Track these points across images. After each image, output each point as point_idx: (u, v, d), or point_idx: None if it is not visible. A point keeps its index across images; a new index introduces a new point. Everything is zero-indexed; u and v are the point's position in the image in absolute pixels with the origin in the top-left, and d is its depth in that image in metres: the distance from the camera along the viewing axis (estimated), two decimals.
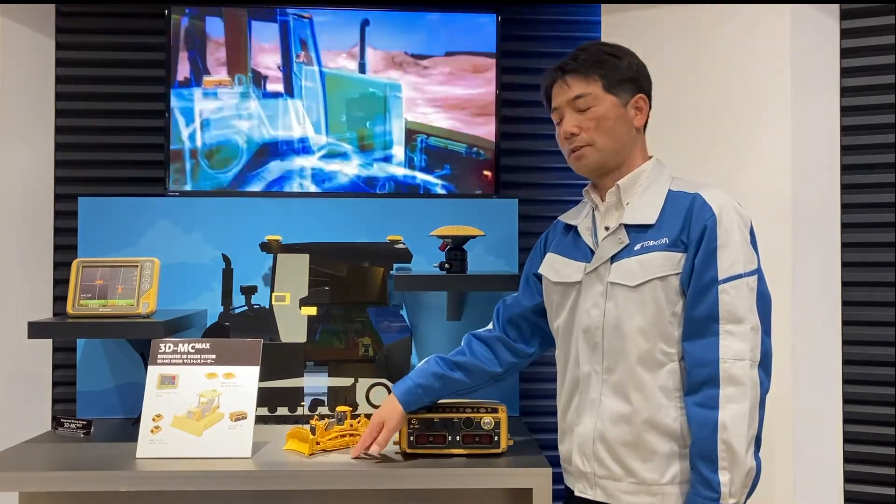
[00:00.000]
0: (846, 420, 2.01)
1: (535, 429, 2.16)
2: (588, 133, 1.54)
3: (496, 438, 1.71)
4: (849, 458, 2.01)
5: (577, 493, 1.54)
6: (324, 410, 2.17)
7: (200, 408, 1.75)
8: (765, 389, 1.43)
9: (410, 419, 1.70)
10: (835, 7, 2.04)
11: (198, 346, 1.81)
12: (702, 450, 1.38)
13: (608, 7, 2.27)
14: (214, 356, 1.80)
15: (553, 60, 1.60)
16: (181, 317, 1.98)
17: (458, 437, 1.71)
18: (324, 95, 2.20)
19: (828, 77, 2.04)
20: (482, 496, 1.79)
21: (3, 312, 2.18)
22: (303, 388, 2.18)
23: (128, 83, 2.39)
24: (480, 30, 2.18)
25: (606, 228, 1.54)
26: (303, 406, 2.18)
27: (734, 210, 1.46)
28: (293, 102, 2.18)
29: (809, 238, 2.00)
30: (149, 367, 1.80)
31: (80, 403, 2.16)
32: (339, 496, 1.78)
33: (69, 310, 1.92)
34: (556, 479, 1.62)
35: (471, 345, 1.73)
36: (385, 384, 2.18)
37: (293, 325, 2.19)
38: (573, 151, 1.56)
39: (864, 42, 2.02)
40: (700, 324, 1.42)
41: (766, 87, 2.01)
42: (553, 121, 1.60)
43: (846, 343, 2.02)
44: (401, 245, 2.21)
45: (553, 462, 1.64)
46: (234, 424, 1.74)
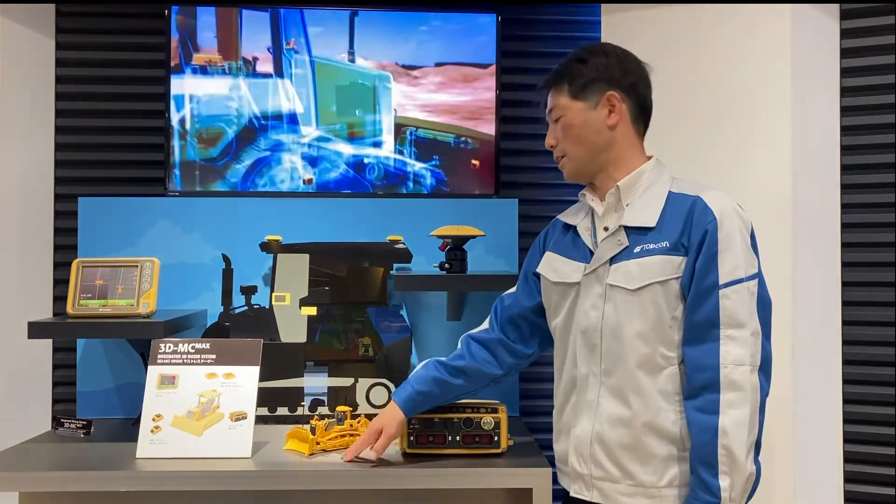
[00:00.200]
0: (846, 420, 2.01)
1: (535, 429, 2.16)
2: (562, 143, 1.57)
3: (496, 438, 1.71)
4: (849, 458, 2.01)
5: (573, 494, 1.54)
6: (324, 410, 2.17)
7: (200, 408, 1.75)
8: (765, 394, 1.42)
9: (410, 419, 1.70)
10: (835, 7, 2.04)
11: (198, 346, 1.81)
12: (702, 455, 1.38)
13: (608, 7, 2.27)
14: (214, 356, 1.80)
15: (553, 60, 1.61)
16: (181, 317, 1.98)
17: (458, 437, 1.70)
18: (313, 82, 2.21)
19: (828, 77, 2.04)
20: (482, 496, 1.79)
21: (3, 312, 2.18)
22: (303, 388, 2.18)
23: (128, 83, 2.39)
24: (471, 40, 2.21)
25: (605, 229, 1.52)
26: (303, 406, 2.18)
27: (735, 213, 1.44)
28: (283, 82, 2.19)
29: (809, 238, 2.00)
30: (149, 367, 1.80)
31: (80, 403, 2.16)
32: (339, 496, 1.77)
33: (69, 310, 1.92)
34: (556, 479, 1.62)
35: (469, 347, 1.71)
36: (385, 384, 2.18)
37: (293, 325, 2.19)
38: (557, 162, 1.60)
39: (864, 42, 2.02)
40: (700, 328, 1.41)
41: (766, 87, 2.01)
42: None
43: (846, 343, 2.02)
44: (401, 245, 2.21)
45: (553, 462, 1.64)
46: (234, 424, 1.74)
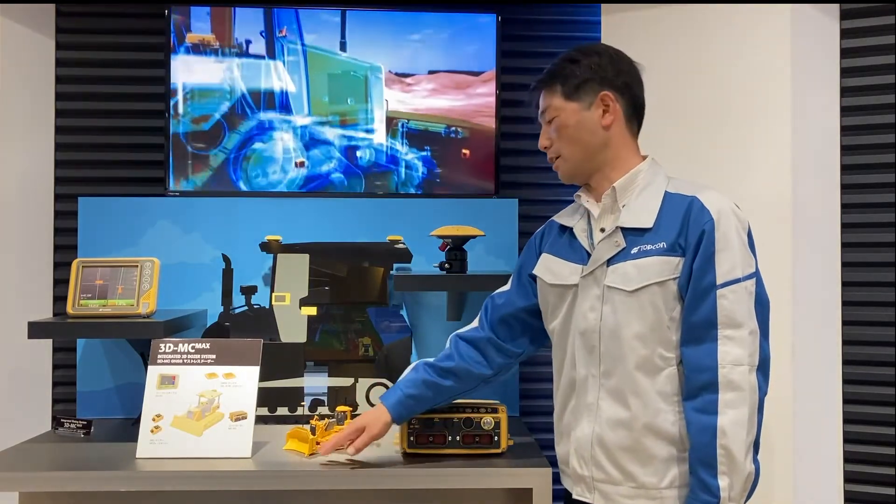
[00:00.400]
0: (846, 420, 2.01)
1: (535, 429, 2.16)
2: (556, 144, 1.57)
3: (496, 438, 1.71)
4: (849, 458, 2.01)
5: (576, 497, 1.54)
6: (324, 410, 2.17)
7: (200, 408, 1.75)
8: (763, 393, 1.42)
9: (410, 419, 1.70)
10: (835, 7, 2.04)
11: (198, 346, 1.81)
12: (701, 455, 1.37)
13: (608, 7, 2.27)
14: (214, 356, 1.80)
15: (553, 60, 1.59)
16: (181, 317, 1.98)
17: (458, 437, 1.70)
18: (305, 70, 2.22)
19: (828, 77, 2.04)
20: (482, 496, 1.79)
21: (3, 312, 2.18)
22: (303, 388, 2.18)
23: (128, 83, 2.39)
24: (464, 48, 2.24)
25: (602, 230, 1.51)
26: (303, 406, 2.18)
27: (732, 213, 1.44)
28: (275, 64, 2.21)
29: (809, 238, 2.00)
30: (149, 367, 1.80)
31: (80, 403, 2.16)
32: (339, 496, 1.77)
33: (69, 310, 1.92)
34: (556, 479, 1.62)
35: (458, 347, 1.68)
36: (385, 384, 2.18)
37: (293, 325, 2.19)
38: (551, 163, 1.60)
39: (864, 42, 2.02)
40: (699, 329, 1.40)
41: (767, 87, 2.01)
42: None
43: (846, 343, 2.02)
44: (401, 245, 2.21)
45: (553, 462, 1.63)
46: (234, 424, 1.74)
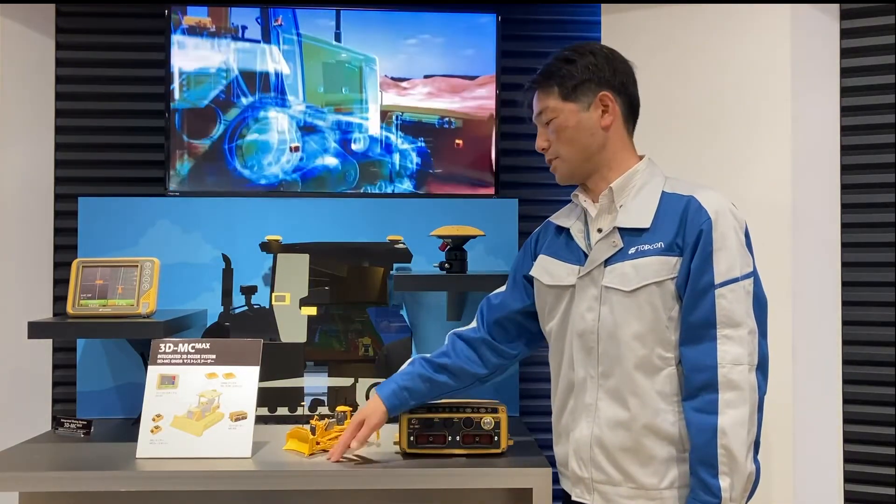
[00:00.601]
0: (846, 420, 2.01)
1: (535, 429, 2.16)
2: (554, 145, 1.56)
3: (496, 438, 1.71)
4: (849, 458, 2.01)
5: (575, 498, 1.53)
6: (324, 410, 2.17)
7: (200, 408, 1.75)
8: (763, 393, 1.41)
9: (410, 419, 1.70)
10: (835, 7, 2.04)
11: (198, 346, 1.81)
12: (701, 455, 1.37)
13: (608, 7, 2.27)
14: (214, 356, 1.80)
15: (545, 61, 1.58)
16: (181, 317, 1.98)
17: (458, 437, 1.70)
18: (300, 59, 2.22)
19: (828, 77, 2.04)
20: (482, 496, 1.79)
21: (3, 312, 2.17)
22: (303, 388, 2.18)
23: (128, 83, 2.39)
24: (459, 53, 2.25)
25: (599, 231, 1.51)
26: (303, 406, 2.18)
27: (730, 212, 1.44)
28: (270, 48, 2.21)
29: (809, 238, 2.00)
30: (149, 367, 1.80)
31: (80, 403, 2.16)
32: (339, 496, 1.78)
33: (69, 310, 1.92)
34: (556, 479, 1.62)
35: (455, 345, 1.71)
36: None
37: (293, 325, 2.19)
38: (549, 164, 1.59)
39: (864, 42, 2.02)
40: (697, 328, 1.40)
41: (766, 87, 2.01)
42: None
43: (846, 343, 2.02)
44: (401, 245, 2.21)
45: (553, 462, 1.63)
46: (234, 424, 1.74)
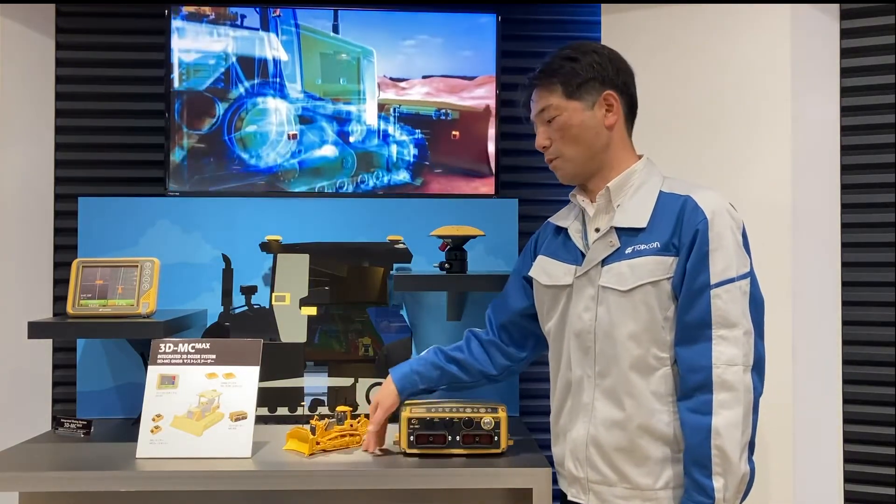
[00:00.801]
0: (846, 420, 2.01)
1: (535, 429, 2.16)
2: (556, 144, 1.54)
3: (496, 438, 1.71)
4: (849, 458, 2.01)
5: (571, 498, 1.54)
6: (324, 410, 2.17)
7: (200, 408, 1.75)
8: (758, 394, 1.41)
9: (410, 419, 1.70)
10: (835, 7, 2.04)
11: (198, 346, 1.81)
12: (695, 455, 1.37)
13: (608, 7, 2.27)
14: (214, 356, 1.80)
15: (545, 59, 1.57)
16: (181, 317, 1.98)
17: (458, 437, 1.70)
18: (299, 50, 2.23)
19: (828, 77, 2.04)
20: (482, 496, 1.79)
21: (3, 312, 2.17)
22: (303, 388, 2.18)
23: (128, 83, 2.39)
24: (457, 54, 2.26)
25: (597, 230, 1.51)
26: (303, 406, 2.18)
27: (726, 212, 1.43)
28: (268, 36, 2.22)
29: (809, 238, 2.00)
30: (149, 367, 1.80)
31: (80, 403, 2.16)
32: (339, 496, 1.77)
33: (69, 310, 1.92)
34: (556, 479, 1.62)
35: (469, 343, 1.76)
36: None
37: (293, 325, 2.19)
38: (549, 164, 1.58)
39: (864, 42, 2.02)
40: (693, 329, 1.40)
41: (766, 87, 2.01)
42: None
43: (846, 343, 2.03)
44: (401, 245, 2.21)
45: (553, 462, 1.64)
46: (234, 424, 1.74)
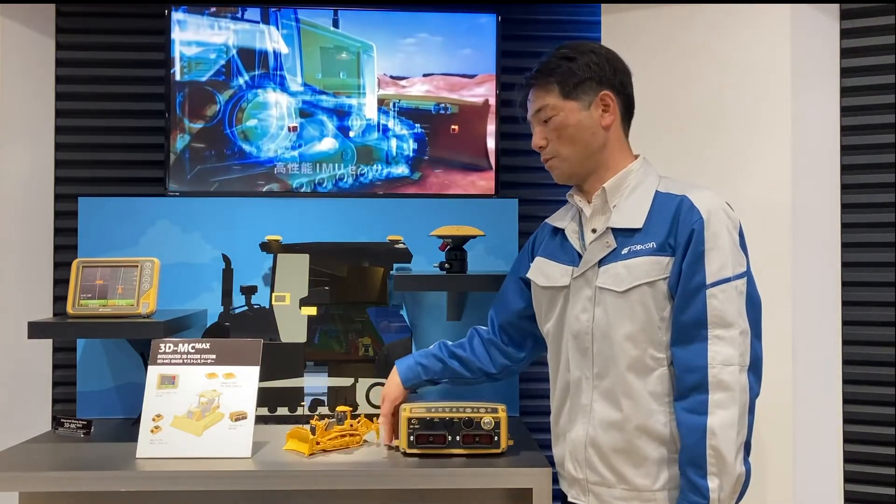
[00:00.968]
0: (846, 420, 2.01)
1: (535, 429, 2.16)
2: (553, 144, 1.53)
3: (496, 438, 1.71)
4: (849, 459, 2.01)
5: (571, 500, 1.54)
6: (324, 410, 2.17)
7: (200, 408, 1.75)
8: (755, 394, 1.41)
9: (410, 419, 1.70)
10: (835, 7, 2.04)
11: (198, 346, 1.81)
12: (691, 455, 1.37)
13: (608, 7, 2.27)
14: (214, 356, 1.80)
15: (541, 59, 1.57)
16: (181, 317, 1.98)
17: (458, 437, 1.70)
18: (299, 43, 2.23)
19: (828, 77, 2.04)
20: (482, 496, 1.79)
21: (3, 312, 2.17)
22: (303, 388, 2.18)
23: (128, 83, 2.39)
24: (457, 52, 2.27)
25: (593, 231, 1.51)
26: (303, 406, 2.18)
27: (723, 212, 1.43)
28: (268, 28, 2.23)
29: (809, 238, 2.00)
30: (149, 367, 1.80)
31: (80, 403, 2.16)
32: (339, 496, 1.77)
33: (69, 310, 1.92)
34: (556, 479, 1.62)
35: (472, 340, 1.77)
36: (385, 385, 2.17)
37: (293, 325, 2.19)
38: (546, 164, 1.57)
39: (864, 42, 2.02)
40: (688, 329, 1.40)
41: (766, 87, 2.01)
42: None
43: (846, 343, 2.02)
44: (401, 245, 2.21)
45: (553, 462, 1.64)
46: (234, 424, 1.74)
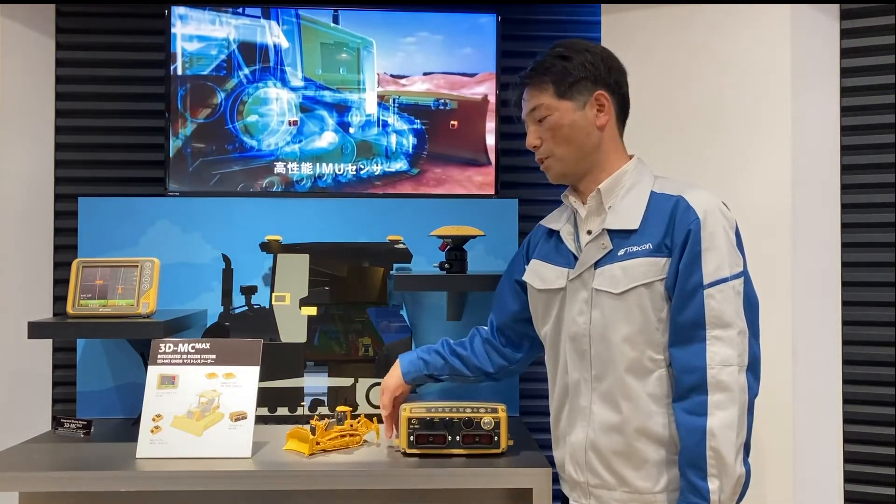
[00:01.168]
0: (846, 420, 2.01)
1: (535, 429, 2.16)
2: (547, 144, 1.53)
3: (496, 438, 1.71)
4: (849, 459, 2.01)
5: (573, 502, 1.54)
6: (324, 410, 2.17)
7: (200, 408, 1.75)
8: (753, 394, 1.40)
9: (410, 419, 1.70)
10: (835, 7, 2.04)
11: (198, 346, 1.81)
12: (690, 457, 1.36)
13: (608, 7, 2.27)
14: (214, 356, 1.80)
15: (537, 58, 1.56)
16: (181, 317, 1.98)
17: (458, 437, 1.70)
18: (299, 38, 2.23)
19: (828, 77, 2.04)
20: (482, 496, 1.79)
21: (3, 312, 2.17)
22: (303, 388, 2.18)
23: (128, 83, 2.39)
24: (458, 52, 2.27)
25: (589, 232, 1.50)
26: (303, 406, 2.18)
27: (719, 212, 1.42)
28: (269, 24, 2.23)
29: (809, 238, 2.00)
30: (149, 367, 1.80)
31: (80, 403, 2.16)
32: (339, 496, 1.77)
33: (69, 310, 1.92)
34: (556, 479, 1.62)
35: (473, 340, 1.78)
36: None
37: (293, 325, 2.19)
38: (540, 163, 1.56)
39: (864, 42, 2.02)
40: (686, 330, 1.39)
41: (766, 87, 2.01)
42: None
43: (846, 343, 2.03)
44: (401, 245, 2.21)
45: (553, 462, 1.64)
46: (234, 424, 1.74)
